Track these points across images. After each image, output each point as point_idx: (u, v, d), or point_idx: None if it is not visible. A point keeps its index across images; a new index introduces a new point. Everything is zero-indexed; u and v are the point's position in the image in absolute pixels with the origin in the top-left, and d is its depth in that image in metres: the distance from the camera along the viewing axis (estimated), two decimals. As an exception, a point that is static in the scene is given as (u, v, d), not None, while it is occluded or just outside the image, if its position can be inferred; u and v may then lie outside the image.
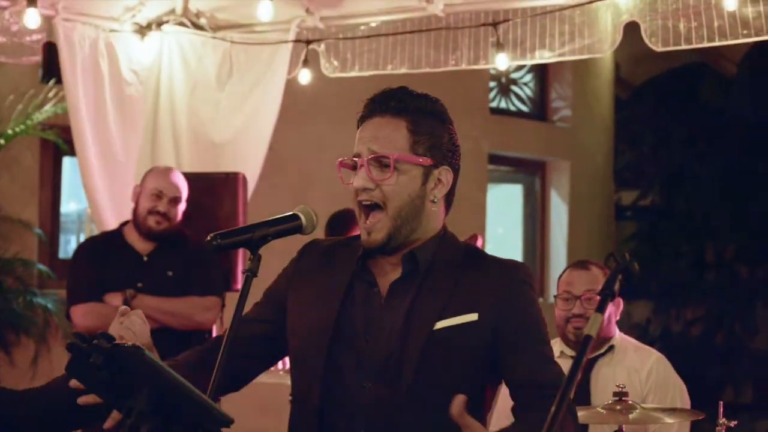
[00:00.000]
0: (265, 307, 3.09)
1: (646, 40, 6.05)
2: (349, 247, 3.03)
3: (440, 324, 2.84)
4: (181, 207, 6.09)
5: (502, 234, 11.97)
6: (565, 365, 4.69)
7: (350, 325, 2.91)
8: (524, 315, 2.91)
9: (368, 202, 2.90)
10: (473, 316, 2.85)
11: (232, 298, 6.29)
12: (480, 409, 2.93)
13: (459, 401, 2.59)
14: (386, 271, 2.95)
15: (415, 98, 2.95)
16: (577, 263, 4.91)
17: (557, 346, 4.87)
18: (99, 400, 2.75)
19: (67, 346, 2.41)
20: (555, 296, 4.84)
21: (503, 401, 2.98)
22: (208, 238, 2.78)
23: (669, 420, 4.20)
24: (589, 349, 2.25)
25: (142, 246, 6.05)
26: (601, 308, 2.12)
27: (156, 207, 5.97)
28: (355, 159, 2.92)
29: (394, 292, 2.92)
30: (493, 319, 2.86)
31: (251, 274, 2.74)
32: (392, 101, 2.93)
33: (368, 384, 2.86)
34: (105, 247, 6.11)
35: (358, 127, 2.96)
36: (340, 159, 2.98)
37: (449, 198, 3.00)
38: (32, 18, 6.30)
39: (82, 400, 2.77)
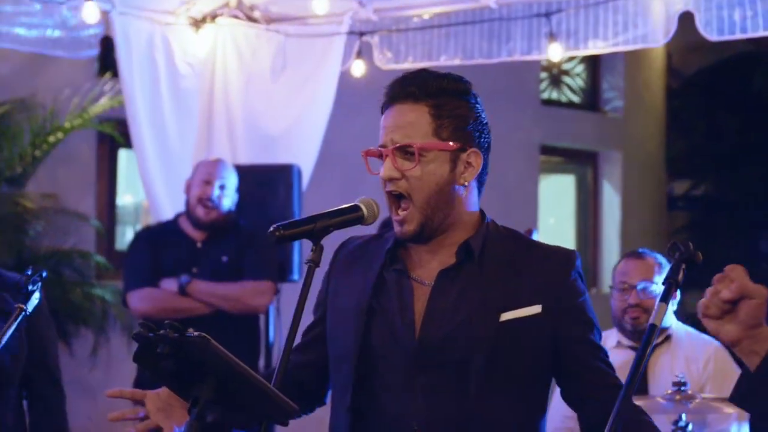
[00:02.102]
0: (316, 311, 3.09)
1: (701, 30, 5.98)
2: (380, 240, 3.00)
3: (506, 316, 2.79)
4: (232, 196, 6.14)
5: (554, 225, 11.95)
6: (623, 355, 4.75)
7: (386, 318, 2.87)
8: (582, 306, 2.88)
9: (396, 192, 2.85)
10: (537, 309, 2.81)
11: (289, 289, 6.37)
12: (544, 405, 2.93)
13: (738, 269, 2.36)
14: (426, 259, 2.90)
15: (436, 79, 2.85)
16: (632, 253, 4.91)
17: (614, 336, 4.88)
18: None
19: (134, 335, 2.42)
20: (610, 287, 4.83)
21: (558, 398, 2.98)
22: (271, 229, 2.77)
23: (728, 410, 4.18)
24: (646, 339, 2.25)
25: (196, 234, 6.13)
26: (665, 297, 2.13)
27: (205, 193, 6.04)
28: (380, 149, 2.87)
29: (443, 281, 2.86)
30: (555, 311, 2.83)
31: (314, 264, 2.73)
32: (412, 86, 2.83)
33: (419, 376, 2.81)
34: (161, 235, 6.21)
35: (382, 114, 2.89)
36: (364, 149, 2.93)
37: (481, 179, 2.92)
38: (91, 12, 6.36)
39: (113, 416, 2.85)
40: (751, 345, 2.28)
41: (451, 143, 2.83)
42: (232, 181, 6.16)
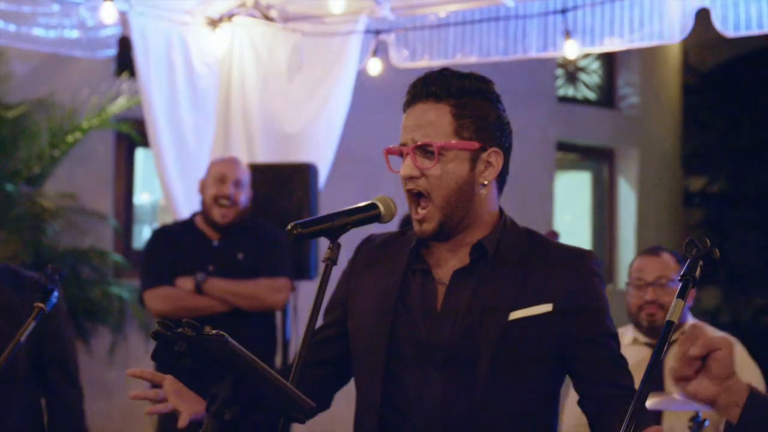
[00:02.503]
0: (331, 311, 3.09)
1: (717, 26, 5.96)
2: (403, 239, 3.01)
3: (515, 314, 2.80)
4: (246, 192, 6.15)
5: (570, 222, 11.93)
6: (639, 352, 4.75)
7: (409, 317, 2.88)
8: (597, 308, 2.86)
9: (416, 191, 2.86)
10: (548, 307, 2.81)
11: (307, 287, 6.38)
12: (555, 403, 2.93)
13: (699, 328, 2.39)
14: (445, 258, 2.91)
15: (458, 79, 2.85)
16: (648, 250, 4.90)
17: (630, 333, 4.88)
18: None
19: (152, 334, 2.43)
20: (627, 283, 4.83)
21: (574, 394, 2.98)
22: (288, 227, 2.77)
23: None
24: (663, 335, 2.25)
25: (212, 232, 6.14)
26: (682, 294, 2.13)
27: (221, 191, 6.04)
28: (401, 148, 2.87)
29: (458, 280, 2.87)
30: (567, 311, 2.82)
31: (331, 262, 2.73)
32: (433, 86, 2.83)
33: (435, 374, 2.83)
34: (177, 234, 6.21)
35: (404, 113, 2.89)
36: (386, 147, 2.94)
37: (502, 179, 2.93)
38: (108, 12, 6.39)
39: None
40: (728, 397, 2.30)
41: (471, 143, 2.83)
42: (245, 177, 6.18)
